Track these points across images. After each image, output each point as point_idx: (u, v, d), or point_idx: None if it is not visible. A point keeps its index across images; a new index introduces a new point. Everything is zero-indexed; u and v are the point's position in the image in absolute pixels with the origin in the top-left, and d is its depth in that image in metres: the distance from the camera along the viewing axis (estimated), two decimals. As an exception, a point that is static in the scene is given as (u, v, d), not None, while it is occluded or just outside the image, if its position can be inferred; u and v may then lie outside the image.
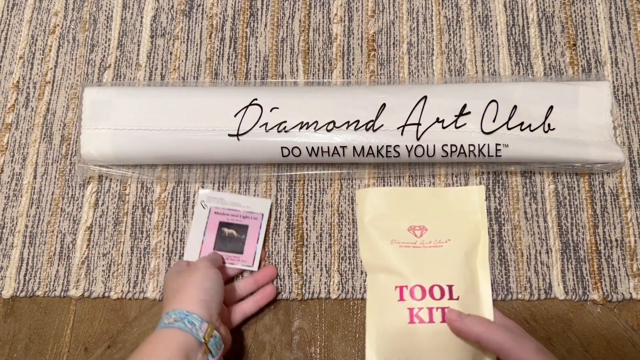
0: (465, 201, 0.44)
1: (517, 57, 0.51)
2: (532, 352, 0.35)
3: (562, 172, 0.47)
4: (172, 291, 0.40)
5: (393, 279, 0.41)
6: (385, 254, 0.42)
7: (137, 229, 0.47)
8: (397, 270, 0.41)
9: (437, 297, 0.40)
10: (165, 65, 0.52)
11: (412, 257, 0.42)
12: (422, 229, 0.43)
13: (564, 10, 0.52)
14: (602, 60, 0.50)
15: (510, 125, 0.45)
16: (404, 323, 0.40)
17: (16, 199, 0.49)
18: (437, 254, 0.42)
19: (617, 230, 0.46)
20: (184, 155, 0.46)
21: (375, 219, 0.44)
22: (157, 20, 0.53)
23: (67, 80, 0.52)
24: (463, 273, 0.41)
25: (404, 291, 0.40)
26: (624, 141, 0.48)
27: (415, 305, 0.40)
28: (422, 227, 0.43)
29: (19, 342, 0.45)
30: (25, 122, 0.51)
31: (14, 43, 0.53)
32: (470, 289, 0.41)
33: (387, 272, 0.42)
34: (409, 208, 0.44)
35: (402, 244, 0.42)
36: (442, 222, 0.43)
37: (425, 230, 0.43)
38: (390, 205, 0.44)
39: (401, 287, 0.40)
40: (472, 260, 0.42)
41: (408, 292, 0.40)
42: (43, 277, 0.47)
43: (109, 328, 0.45)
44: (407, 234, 0.43)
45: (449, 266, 0.41)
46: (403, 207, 0.44)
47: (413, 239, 0.42)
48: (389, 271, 0.42)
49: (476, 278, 0.42)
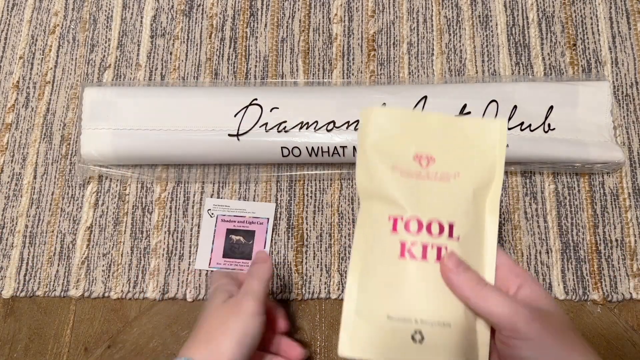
0: (483, 134, 0.38)
1: (517, 57, 0.51)
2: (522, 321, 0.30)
3: (562, 172, 0.47)
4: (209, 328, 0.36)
5: (388, 208, 0.36)
6: (383, 180, 0.37)
7: (137, 229, 0.47)
8: (393, 199, 0.36)
9: (435, 233, 0.35)
10: (165, 65, 0.52)
11: (413, 189, 0.36)
12: (430, 159, 0.37)
13: (564, 10, 0.52)
14: (602, 60, 0.50)
15: (510, 125, 0.45)
16: (393, 257, 0.35)
17: (16, 199, 0.49)
18: (442, 189, 0.36)
19: (617, 230, 0.46)
20: (184, 155, 0.46)
21: (378, 142, 0.38)
22: (157, 20, 0.53)
23: (67, 80, 0.52)
24: (467, 211, 0.36)
25: (398, 222, 0.35)
26: (624, 141, 0.48)
27: (409, 239, 0.35)
28: (430, 157, 0.37)
29: (19, 342, 0.45)
30: (25, 122, 0.50)
31: (14, 43, 0.53)
32: (474, 232, 0.36)
33: (383, 200, 0.36)
34: (418, 134, 0.38)
35: (405, 172, 0.37)
36: (454, 153, 0.37)
37: (433, 161, 0.37)
38: (396, 128, 0.38)
39: (395, 218, 0.36)
40: (480, 200, 0.37)
41: (402, 224, 0.35)
42: (43, 277, 0.47)
43: (109, 328, 0.45)
44: (412, 162, 0.37)
45: (453, 203, 0.36)
46: (411, 132, 0.38)
47: (418, 168, 0.37)
48: (384, 199, 0.36)
49: (482, 220, 0.37)
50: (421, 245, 0.35)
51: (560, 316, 0.32)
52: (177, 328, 0.45)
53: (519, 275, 0.34)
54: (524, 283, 0.33)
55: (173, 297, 0.46)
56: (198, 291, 0.46)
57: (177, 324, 0.45)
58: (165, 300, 0.46)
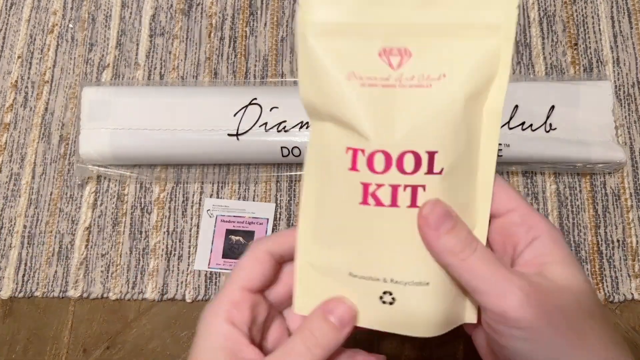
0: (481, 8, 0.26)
1: (519, 57, 0.50)
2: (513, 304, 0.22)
3: (563, 172, 0.47)
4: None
5: (344, 135, 0.26)
6: (336, 94, 0.26)
7: (136, 230, 0.47)
8: (351, 122, 0.26)
9: (409, 170, 0.25)
10: (164, 65, 0.51)
11: (378, 105, 0.25)
12: (403, 54, 0.26)
13: (565, 10, 0.52)
14: (603, 60, 0.50)
15: (511, 125, 0.45)
16: (353, 203, 0.26)
17: (14, 199, 0.48)
18: (421, 99, 0.25)
19: (619, 230, 0.46)
20: (183, 155, 0.46)
21: (327, 34, 0.26)
22: (156, 19, 0.53)
23: (66, 79, 0.51)
24: (456, 132, 0.26)
25: (359, 157, 0.26)
26: (626, 141, 0.48)
27: (373, 180, 0.26)
28: (404, 51, 0.26)
29: (18, 343, 0.45)
30: (23, 121, 0.50)
31: (12, 42, 0.53)
32: (464, 161, 0.26)
33: (337, 123, 0.26)
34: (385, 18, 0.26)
35: (367, 80, 0.25)
36: (437, 44, 0.26)
37: (408, 57, 0.26)
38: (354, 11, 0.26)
39: (355, 151, 0.26)
40: (475, 114, 0.27)
41: (364, 160, 0.26)
42: (41, 277, 0.46)
43: (108, 329, 0.45)
44: (377, 61, 0.26)
45: (436, 120, 0.25)
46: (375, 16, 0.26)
47: (386, 71, 0.25)
48: (339, 122, 0.26)
49: (476, 144, 0.27)
50: (389, 187, 0.26)
51: (581, 296, 0.23)
52: (177, 329, 0.45)
53: (533, 227, 0.25)
54: (537, 240, 0.25)
55: (172, 297, 0.45)
56: (197, 292, 0.45)
57: (177, 325, 0.45)
58: (164, 301, 0.46)
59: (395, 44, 0.26)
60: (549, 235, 0.24)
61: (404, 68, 0.26)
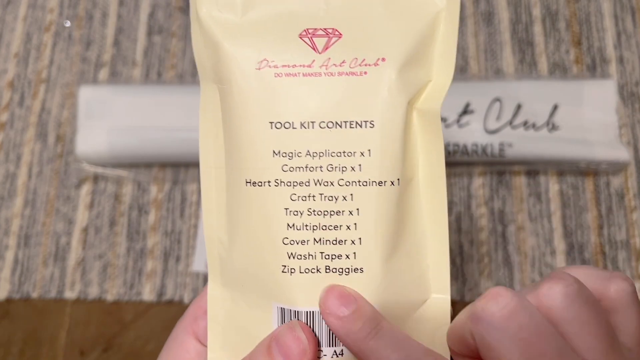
0: None
1: (521, 55, 0.50)
2: None
3: (566, 172, 0.47)
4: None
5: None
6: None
7: (133, 230, 0.47)
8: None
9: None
10: (161, 63, 0.51)
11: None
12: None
13: (569, 7, 0.51)
14: (607, 58, 0.50)
15: (514, 124, 0.45)
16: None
17: (11, 199, 0.48)
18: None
19: (623, 231, 0.45)
20: (181, 154, 0.46)
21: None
22: (154, 17, 0.52)
23: (63, 78, 0.51)
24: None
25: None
26: (630, 140, 0.48)
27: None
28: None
29: (14, 345, 0.44)
30: (20, 121, 0.50)
31: (9, 41, 0.52)
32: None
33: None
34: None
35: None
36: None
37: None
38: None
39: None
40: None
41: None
42: (38, 279, 0.46)
43: (104, 331, 0.45)
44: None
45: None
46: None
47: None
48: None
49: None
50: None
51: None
52: (175, 331, 0.44)
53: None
54: None
55: (170, 299, 0.45)
56: (196, 293, 0.45)
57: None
58: (162, 303, 0.45)
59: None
60: None
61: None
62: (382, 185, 0.20)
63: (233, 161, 0.21)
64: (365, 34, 0.20)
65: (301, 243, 0.20)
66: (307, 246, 0.20)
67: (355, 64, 0.20)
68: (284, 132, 0.20)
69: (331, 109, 0.20)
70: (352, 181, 0.20)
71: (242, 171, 0.21)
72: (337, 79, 0.20)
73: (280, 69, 0.20)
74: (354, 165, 0.20)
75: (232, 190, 0.21)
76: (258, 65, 0.20)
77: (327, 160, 0.20)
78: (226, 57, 0.20)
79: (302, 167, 0.20)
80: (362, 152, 0.20)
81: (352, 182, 0.20)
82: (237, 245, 0.21)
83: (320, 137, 0.20)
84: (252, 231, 0.21)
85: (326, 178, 0.20)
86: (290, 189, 0.20)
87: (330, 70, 0.20)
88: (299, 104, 0.20)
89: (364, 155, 0.20)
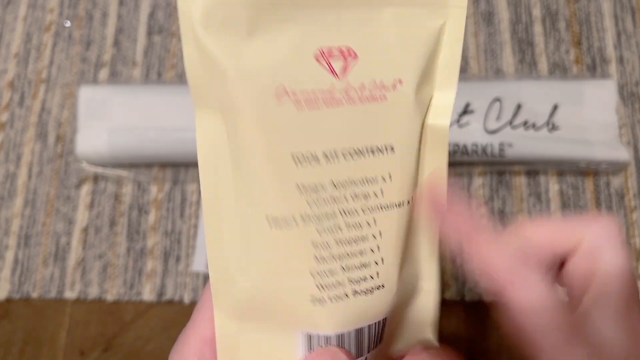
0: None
1: (521, 55, 0.50)
2: None
3: (566, 172, 0.47)
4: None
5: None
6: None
7: (133, 230, 0.47)
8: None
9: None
10: (161, 63, 0.51)
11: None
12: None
13: (569, 7, 0.51)
14: (607, 58, 0.50)
15: (514, 124, 0.45)
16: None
17: (11, 199, 0.48)
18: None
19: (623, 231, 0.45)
20: (181, 154, 0.46)
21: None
22: (154, 17, 0.52)
23: (63, 78, 0.51)
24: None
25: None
26: (630, 140, 0.48)
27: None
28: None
29: (14, 345, 0.44)
30: (20, 121, 0.50)
31: (9, 41, 0.52)
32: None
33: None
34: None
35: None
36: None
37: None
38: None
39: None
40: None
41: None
42: (38, 279, 0.46)
43: (105, 331, 0.45)
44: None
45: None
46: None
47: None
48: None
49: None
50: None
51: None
52: (175, 331, 0.44)
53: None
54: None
55: (170, 299, 0.45)
56: (196, 294, 0.45)
57: (174, 328, 0.44)
58: (162, 303, 0.45)
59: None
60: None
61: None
62: (401, 206, 0.20)
63: (250, 197, 0.20)
64: (379, 51, 0.19)
65: (329, 274, 0.20)
66: (335, 276, 0.20)
67: (374, 88, 0.19)
68: (308, 165, 0.19)
69: (354, 137, 0.19)
70: (375, 206, 0.20)
71: (261, 207, 0.19)
72: (359, 107, 0.19)
73: (299, 96, 0.18)
74: (376, 190, 0.20)
75: (249, 226, 0.20)
76: (275, 93, 0.18)
77: (351, 189, 0.19)
78: (235, 83, 0.18)
79: (327, 199, 0.19)
80: (384, 177, 0.20)
81: (375, 208, 0.20)
82: (252, 279, 0.20)
83: (343, 166, 0.19)
84: (274, 265, 0.20)
85: (351, 207, 0.19)
86: (317, 222, 0.19)
87: (351, 96, 0.19)
88: (322, 134, 0.19)
89: (385, 180, 0.20)
